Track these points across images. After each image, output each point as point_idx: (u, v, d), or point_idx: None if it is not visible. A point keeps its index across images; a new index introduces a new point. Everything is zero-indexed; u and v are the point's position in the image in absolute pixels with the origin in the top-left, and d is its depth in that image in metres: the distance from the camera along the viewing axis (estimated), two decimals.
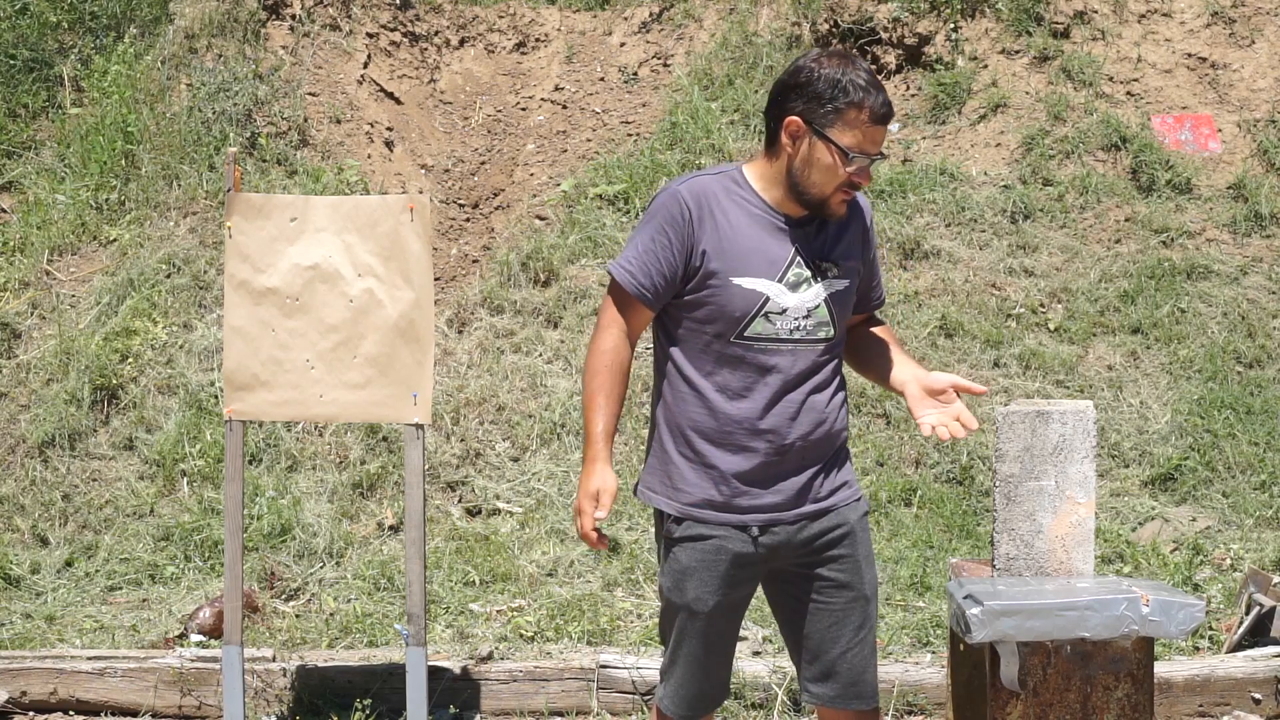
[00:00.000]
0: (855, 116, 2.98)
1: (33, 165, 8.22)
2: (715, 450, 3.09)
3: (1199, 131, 8.38)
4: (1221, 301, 7.38)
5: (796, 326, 3.06)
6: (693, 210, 3.04)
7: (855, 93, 2.97)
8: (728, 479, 3.09)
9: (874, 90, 2.99)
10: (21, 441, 6.62)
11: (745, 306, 3.03)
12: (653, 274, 3.06)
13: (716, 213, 3.05)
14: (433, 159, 8.62)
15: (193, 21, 8.56)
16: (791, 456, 3.09)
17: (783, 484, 3.10)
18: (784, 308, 3.04)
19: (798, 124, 3.01)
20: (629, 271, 3.08)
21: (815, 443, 3.11)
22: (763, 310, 3.04)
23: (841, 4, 9.14)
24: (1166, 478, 6.43)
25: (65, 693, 4.84)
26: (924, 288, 7.42)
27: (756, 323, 3.04)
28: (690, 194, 3.06)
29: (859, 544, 3.20)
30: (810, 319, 3.07)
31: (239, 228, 4.26)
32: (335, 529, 6.07)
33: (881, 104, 2.99)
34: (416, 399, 4.19)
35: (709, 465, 3.10)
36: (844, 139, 2.98)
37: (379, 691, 4.71)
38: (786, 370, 3.06)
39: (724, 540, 3.11)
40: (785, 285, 3.04)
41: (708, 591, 3.13)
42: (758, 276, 3.03)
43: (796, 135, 3.02)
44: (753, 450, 3.07)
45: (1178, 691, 4.60)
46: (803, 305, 3.06)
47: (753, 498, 3.10)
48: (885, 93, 3.03)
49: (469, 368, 7.05)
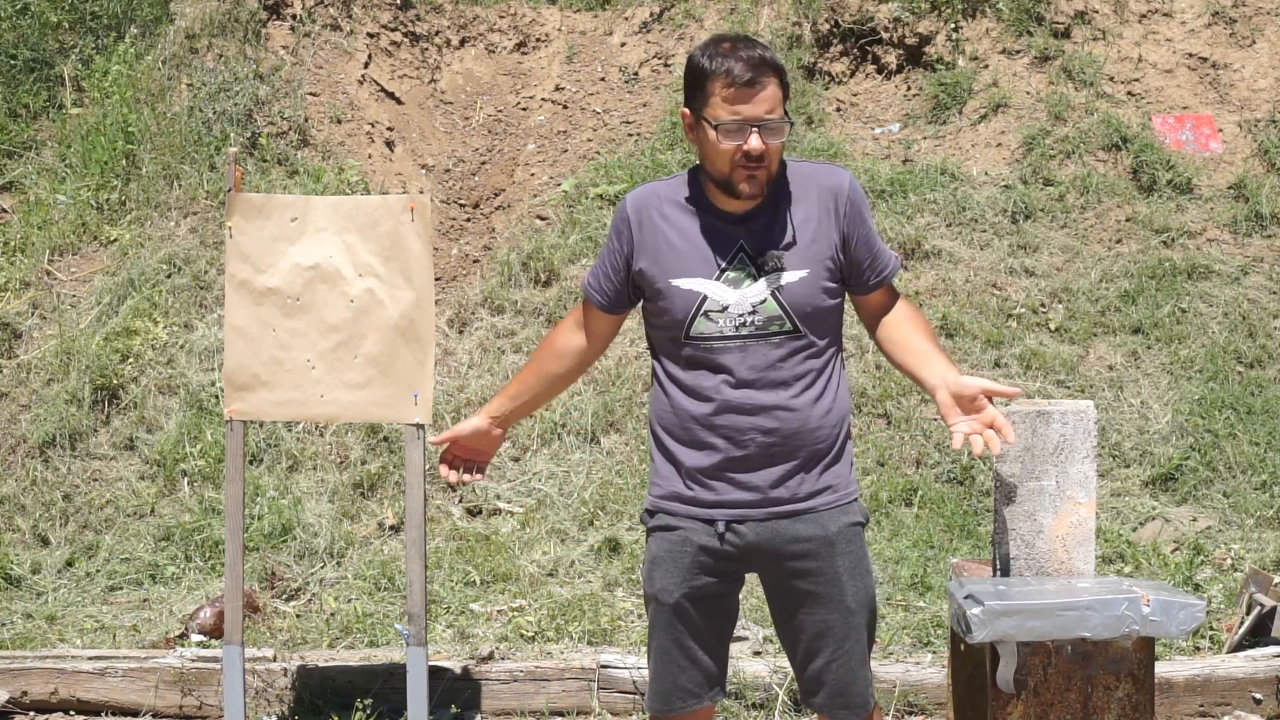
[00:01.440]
0: (718, 86, 2.96)
1: (33, 165, 8.22)
2: (679, 446, 3.11)
3: (1200, 131, 8.38)
4: (1222, 301, 7.38)
5: (743, 323, 3.03)
6: (633, 219, 3.13)
7: (715, 63, 2.96)
8: (692, 474, 3.10)
9: (735, 57, 2.95)
10: (22, 441, 6.62)
11: (685, 307, 3.04)
12: (600, 278, 3.21)
13: (656, 218, 3.10)
14: (433, 159, 8.62)
15: (193, 21, 8.57)
16: (753, 453, 3.05)
17: (748, 480, 3.07)
18: (724, 305, 3.03)
19: (686, 115, 3.06)
20: (588, 276, 3.25)
21: (781, 440, 3.05)
22: (701, 310, 3.03)
23: (842, 4, 9.14)
24: (1167, 478, 6.43)
25: (66, 693, 4.84)
26: (924, 288, 7.42)
27: (698, 322, 3.04)
28: (632, 203, 3.15)
29: (839, 555, 3.10)
30: (757, 314, 3.02)
31: (239, 228, 4.26)
32: (336, 529, 6.07)
33: (742, 67, 2.94)
34: (417, 399, 4.19)
35: (675, 460, 3.13)
36: (715, 113, 2.97)
37: (379, 691, 4.71)
38: (737, 367, 3.04)
39: (690, 532, 3.11)
40: (724, 283, 3.03)
41: (673, 582, 3.12)
42: (694, 276, 3.04)
43: (691, 127, 3.07)
44: (711, 446, 3.07)
45: (1178, 691, 4.60)
46: (745, 301, 3.02)
47: (717, 493, 3.09)
48: (753, 53, 2.96)
49: (470, 368, 7.06)
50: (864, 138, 8.64)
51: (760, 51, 2.99)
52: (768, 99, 2.97)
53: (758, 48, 3.00)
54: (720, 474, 3.08)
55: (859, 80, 9.17)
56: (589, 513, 6.23)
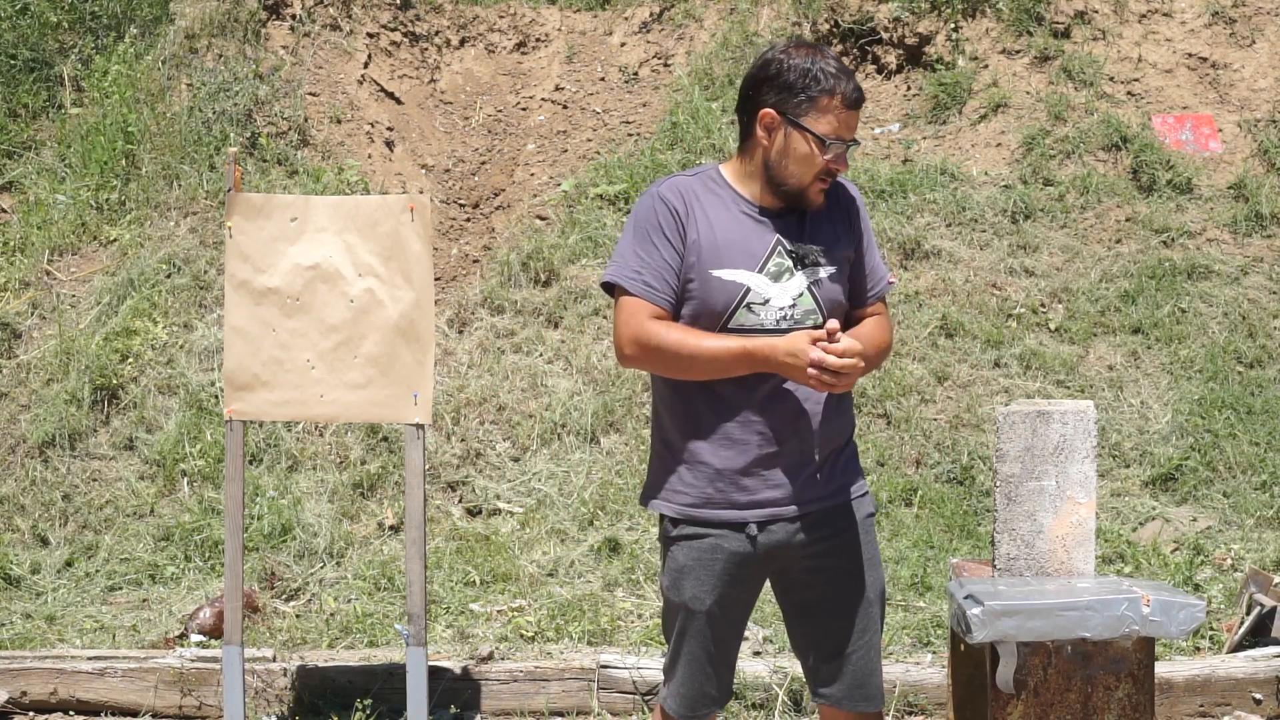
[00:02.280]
0: (828, 103, 3.00)
1: (33, 165, 8.22)
2: (706, 447, 3.08)
3: (1199, 131, 8.38)
4: (1222, 301, 7.38)
5: (783, 316, 3.04)
6: (679, 208, 3.07)
7: (827, 80, 3.00)
8: (722, 474, 3.08)
9: (845, 77, 3.02)
10: (22, 441, 6.62)
11: (726, 298, 3.03)
12: (665, 276, 3.05)
13: (696, 208, 3.07)
14: (433, 159, 8.62)
15: (193, 21, 8.57)
16: (785, 449, 3.06)
17: (779, 478, 3.07)
18: (766, 298, 3.04)
19: (772, 116, 3.03)
20: (644, 282, 3.06)
21: (810, 435, 3.08)
22: (744, 301, 3.04)
23: (842, 4, 9.14)
24: (1167, 478, 6.43)
25: (65, 693, 4.84)
26: (924, 288, 7.41)
27: (740, 314, 3.04)
28: (672, 191, 3.09)
29: (862, 546, 3.18)
30: (796, 308, 3.05)
31: (239, 228, 4.26)
32: (335, 529, 6.07)
33: (853, 89, 3.02)
34: (417, 399, 4.19)
35: (701, 463, 3.09)
36: (819, 127, 3.00)
37: (379, 691, 4.71)
38: None
39: (720, 539, 3.10)
40: (766, 276, 3.05)
41: (704, 590, 3.12)
42: (737, 268, 3.04)
43: (771, 127, 3.04)
44: (744, 443, 3.06)
45: (1178, 691, 4.60)
46: (786, 294, 3.05)
47: (749, 493, 3.08)
48: (855, 79, 3.05)
49: (469, 368, 7.05)
50: (864, 138, 8.64)
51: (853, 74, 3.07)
52: (856, 122, 3.06)
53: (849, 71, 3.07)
54: (752, 471, 3.07)
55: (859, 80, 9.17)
56: (589, 513, 6.23)
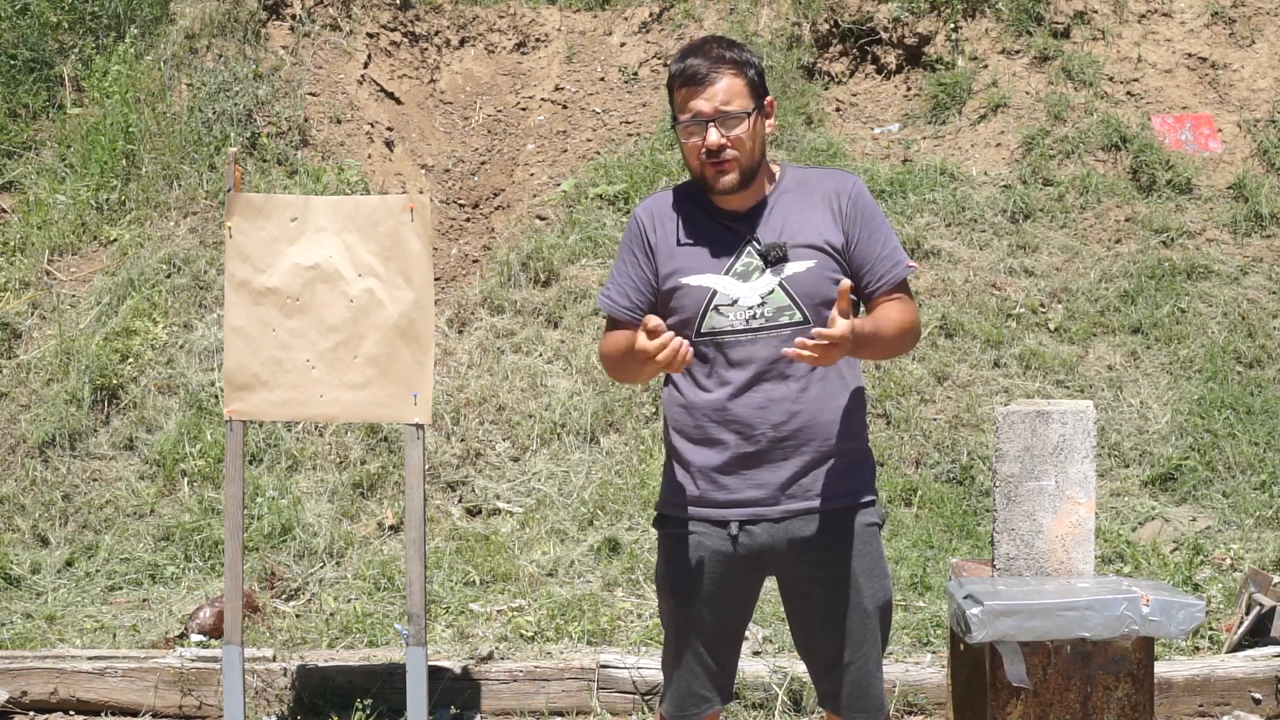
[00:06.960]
0: (675, 89, 3.09)
1: (33, 165, 8.22)
2: (689, 446, 3.11)
3: (1199, 131, 8.38)
4: (1222, 301, 7.38)
5: (752, 315, 3.04)
6: (646, 224, 3.17)
7: (673, 68, 3.10)
8: (704, 473, 3.09)
9: (687, 57, 3.07)
10: (22, 441, 6.62)
11: (695, 303, 3.07)
12: (628, 291, 3.17)
13: (667, 221, 3.16)
14: (433, 159, 8.62)
15: (193, 21, 8.57)
16: (766, 448, 3.05)
17: (760, 477, 3.06)
18: (734, 299, 3.05)
19: None
20: (608, 297, 3.22)
21: (792, 434, 3.04)
22: (712, 304, 3.06)
23: (841, 4, 9.14)
24: (1166, 478, 6.43)
25: (65, 693, 4.84)
26: (924, 288, 7.42)
27: (709, 317, 3.06)
28: (644, 211, 3.21)
29: (856, 555, 3.09)
30: (766, 306, 3.04)
31: (239, 228, 4.26)
32: (335, 529, 6.07)
33: (685, 67, 3.05)
34: (417, 399, 4.19)
35: (685, 461, 3.12)
36: (678, 115, 3.09)
37: (379, 691, 4.71)
38: (749, 359, 3.05)
39: (702, 537, 3.11)
40: (734, 276, 3.06)
41: (689, 588, 3.12)
42: (704, 273, 3.08)
43: None
44: (722, 443, 3.07)
45: (1178, 691, 4.60)
46: (754, 293, 3.05)
47: (729, 492, 3.08)
48: (707, 50, 3.05)
49: (469, 368, 7.05)
50: (863, 138, 8.64)
51: (717, 49, 3.05)
52: (722, 91, 3.02)
53: (716, 46, 3.06)
54: (731, 470, 3.07)
55: (858, 80, 9.17)
56: (589, 513, 6.23)
